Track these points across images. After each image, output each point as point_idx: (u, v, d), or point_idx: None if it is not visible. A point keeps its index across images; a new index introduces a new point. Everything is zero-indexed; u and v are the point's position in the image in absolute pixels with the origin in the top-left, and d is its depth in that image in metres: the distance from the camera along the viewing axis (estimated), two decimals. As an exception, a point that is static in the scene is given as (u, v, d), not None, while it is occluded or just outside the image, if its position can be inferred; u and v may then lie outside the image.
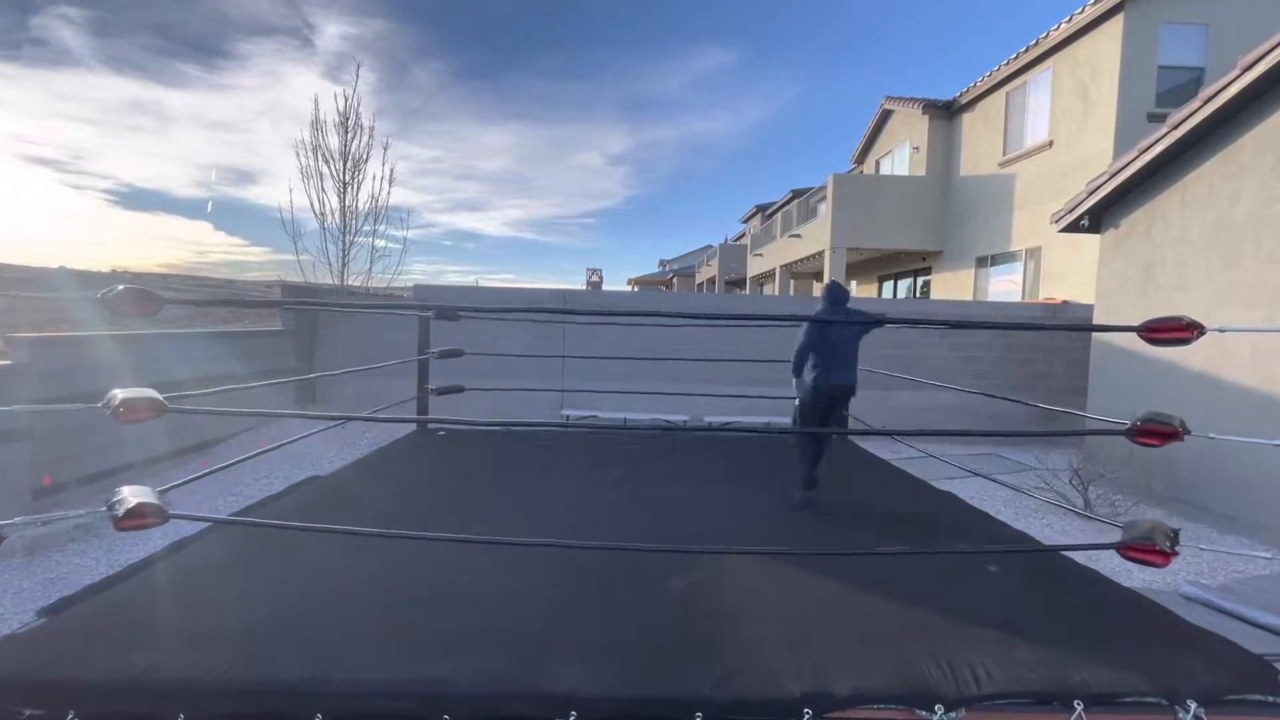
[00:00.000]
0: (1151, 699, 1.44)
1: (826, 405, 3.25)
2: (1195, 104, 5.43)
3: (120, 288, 1.57)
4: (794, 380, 3.33)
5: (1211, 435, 1.54)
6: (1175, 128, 5.63)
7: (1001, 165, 11.97)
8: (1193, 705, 1.41)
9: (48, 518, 2.54)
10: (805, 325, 3.28)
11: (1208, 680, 1.50)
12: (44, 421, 4.73)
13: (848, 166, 18.99)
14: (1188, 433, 1.50)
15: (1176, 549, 1.51)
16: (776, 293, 19.16)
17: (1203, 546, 1.83)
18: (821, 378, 3.17)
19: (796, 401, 3.35)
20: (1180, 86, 9.31)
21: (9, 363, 4.67)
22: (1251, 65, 4.92)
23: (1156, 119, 8.42)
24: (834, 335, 3.21)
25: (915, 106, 14.21)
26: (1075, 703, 1.40)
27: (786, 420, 6.88)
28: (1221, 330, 1.51)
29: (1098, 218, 6.85)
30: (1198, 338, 1.54)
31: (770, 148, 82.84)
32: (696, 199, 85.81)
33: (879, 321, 3.36)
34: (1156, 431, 1.52)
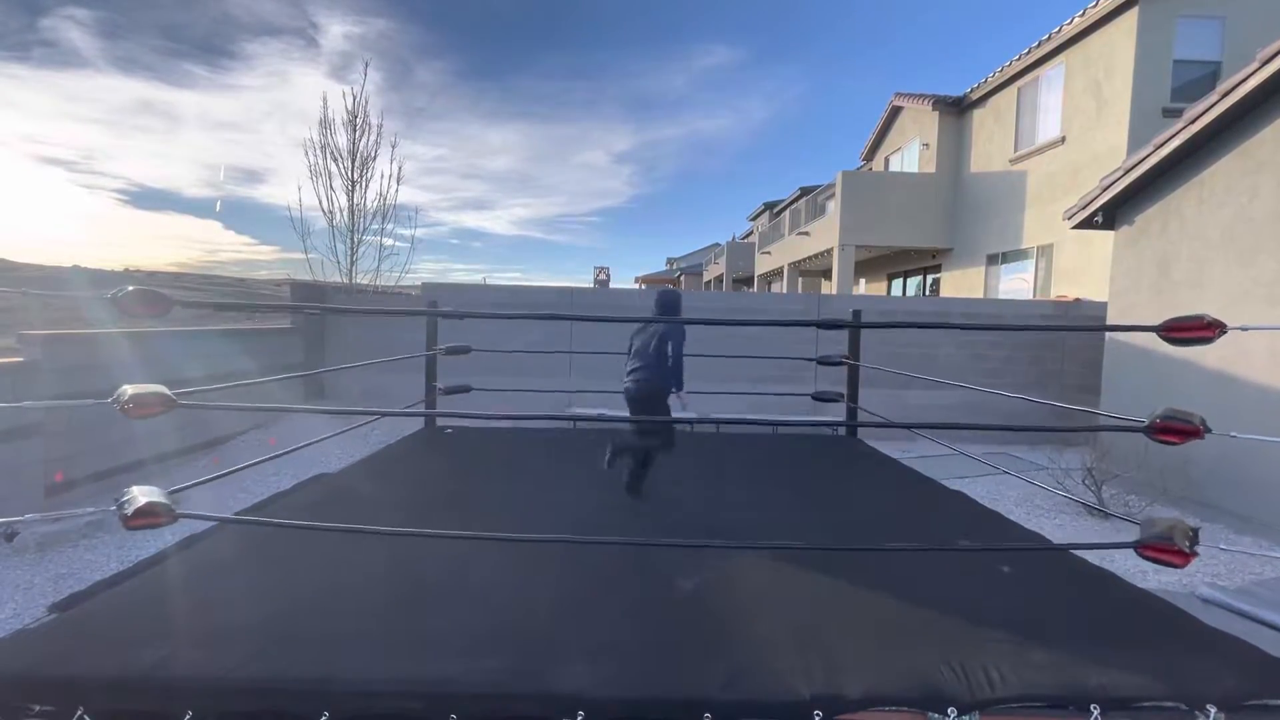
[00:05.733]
0: (1170, 703, 1.41)
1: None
2: (1212, 98, 5.34)
3: (130, 288, 1.57)
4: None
5: (1233, 434, 1.50)
6: (1191, 122, 5.54)
7: (1013, 162, 11.85)
8: (1212, 710, 1.38)
9: (60, 515, 2.56)
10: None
11: (1227, 684, 1.47)
12: (56, 418, 4.77)
13: (857, 164, 18.86)
14: (1208, 431, 1.46)
15: (1196, 549, 1.47)
16: (785, 290, 19.08)
17: (1222, 546, 1.79)
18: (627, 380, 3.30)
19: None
20: (1196, 81, 9.17)
21: (22, 360, 4.71)
22: (1271, 58, 4.83)
23: (1172, 114, 8.31)
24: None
25: (925, 103, 14.09)
26: (1092, 706, 1.38)
27: (793, 417, 6.85)
28: (1243, 329, 1.48)
29: (1111, 214, 6.76)
30: (1219, 336, 1.51)
31: (778, 145, 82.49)
32: (703, 197, 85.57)
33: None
34: (1176, 429, 1.49)
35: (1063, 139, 10.55)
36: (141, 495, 1.47)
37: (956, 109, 13.68)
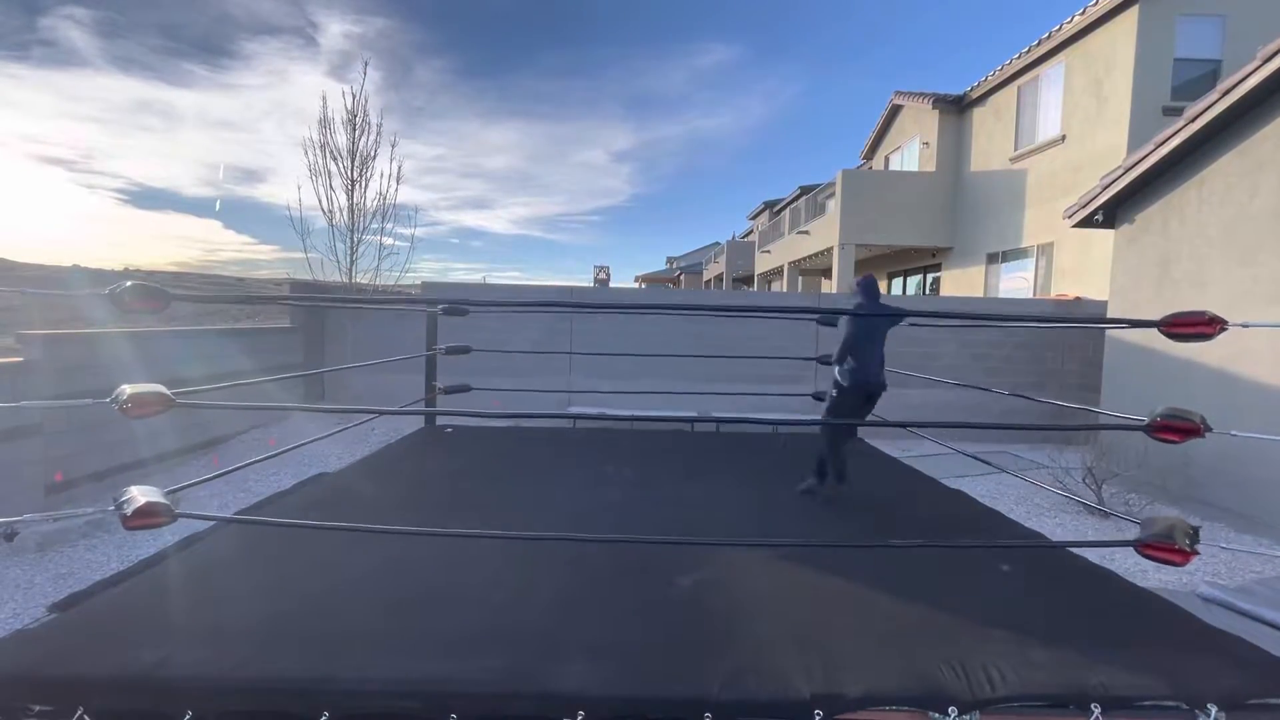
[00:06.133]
0: (1171, 703, 1.41)
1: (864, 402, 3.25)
2: (1213, 96, 5.33)
3: (129, 283, 1.57)
4: (836, 371, 3.27)
5: (1233, 432, 1.50)
6: (1192, 121, 5.53)
7: (1013, 160, 11.84)
8: (1213, 709, 1.38)
9: (60, 515, 2.56)
10: (847, 319, 3.22)
11: (1228, 683, 1.47)
12: (56, 418, 4.77)
13: (857, 162, 18.85)
14: (1209, 429, 1.46)
15: (1196, 548, 1.47)
16: (785, 289, 19.07)
17: (1223, 545, 1.80)
18: (860, 374, 3.17)
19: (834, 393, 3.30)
20: (1196, 79, 9.16)
21: (21, 359, 4.70)
22: (1271, 56, 4.82)
23: (1172, 112, 8.30)
24: (873, 332, 3.20)
25: (925, 101, 14.07)
26: (1093, 706, 1.37)
27: (795, 416, 6.84)
28: (1244, 325, 1.47)
29: (1112, 213, 6.75)
30: (1219, 332, 1.50)
31: (778, 144, 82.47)
32: (703, 196, 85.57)
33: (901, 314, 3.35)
34: (1176, 428, 1.49)
35: (1063, 137, 10.54)
36: (141, 495, 1.46)
37: (956, 107, 13.67)
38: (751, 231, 28.98)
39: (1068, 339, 8.63)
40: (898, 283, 17.10)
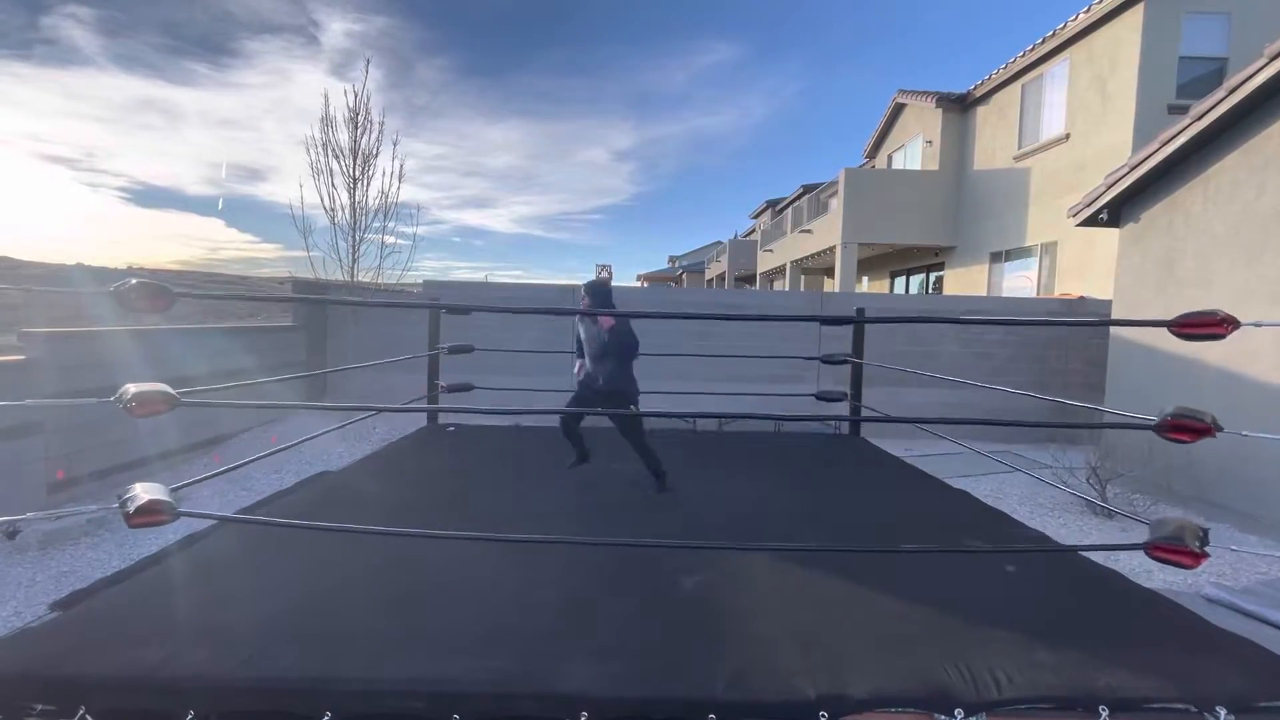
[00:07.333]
0: (1180, 705, 1.40)
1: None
2: (1219, 94, 5.30)
3: (133, 281, 1.57)
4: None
5: (1244, 433, 1.48)
6: (1198, 119, 5.50)
7: (1016, 159, 11.79)
8: (1223, 712, 1.37)
9: (62, 513, 2.57)
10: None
11: (1237, 685, 1.46)
12: (58, 416, 4.77)
13: (859, 161, 18.80)
14: (1219, 429, 1.44)
15: (1206, 549, 1.46)
16: (787, 288, 19.04)
17: (1233, 548, 1.79)
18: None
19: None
20: (1202, 77, 9.11)
21: (24, 358, 4.71)
22: (1278, 54, 4.79)
23: (1177, 110, 8.26)
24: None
25: (928, 100, 14.03)
26: (1100, 708, 1.36)
27: (796, 414, 6.81)
28: (1257, 325, 1.46)
29: (1116, 211, 6.72)
30: (1232, 332, 1.49)
31: (780, 143, 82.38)
32: (705, 195, 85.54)
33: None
34: (1188, 427, 1.47)
35: (1067, 136, 10.49)
36: (144, 493, 1.46)
37: (960, 106, 13.62)
38: (754, 230, 28.94)
39: (1072, 338, 8.59)
40: (900, 281, 17.07)
